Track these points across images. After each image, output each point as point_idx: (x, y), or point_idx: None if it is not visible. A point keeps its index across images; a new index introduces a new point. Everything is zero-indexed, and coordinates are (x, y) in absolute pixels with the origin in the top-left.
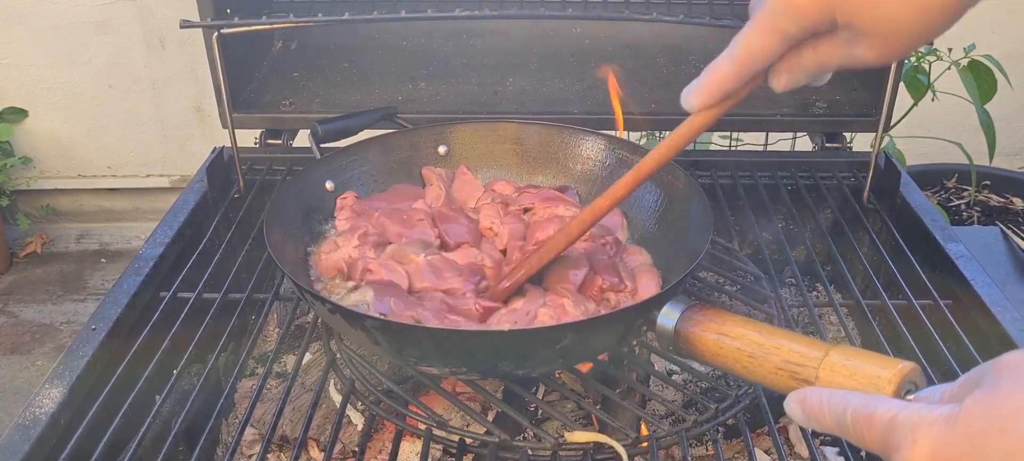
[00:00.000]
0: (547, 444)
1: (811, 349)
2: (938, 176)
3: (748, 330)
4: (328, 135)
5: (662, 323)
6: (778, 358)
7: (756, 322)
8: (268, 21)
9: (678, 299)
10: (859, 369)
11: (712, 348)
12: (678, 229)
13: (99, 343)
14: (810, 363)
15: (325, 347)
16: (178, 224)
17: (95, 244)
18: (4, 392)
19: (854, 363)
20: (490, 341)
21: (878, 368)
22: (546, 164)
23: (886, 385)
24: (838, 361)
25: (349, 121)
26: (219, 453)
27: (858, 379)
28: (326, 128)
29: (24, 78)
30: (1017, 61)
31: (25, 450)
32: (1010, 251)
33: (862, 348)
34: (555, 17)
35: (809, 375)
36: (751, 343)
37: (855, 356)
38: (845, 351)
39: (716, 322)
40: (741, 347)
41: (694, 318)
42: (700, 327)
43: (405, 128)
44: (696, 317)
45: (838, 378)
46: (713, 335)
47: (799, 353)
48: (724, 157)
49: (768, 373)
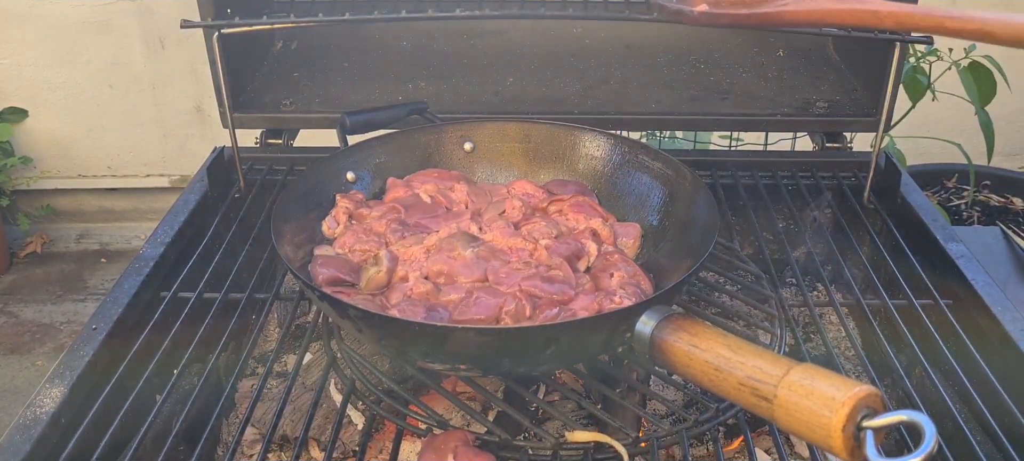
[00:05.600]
0: (547, 444)
1: (773, 366)
2: (938, 176)
3: (717, 343)
4: (356, 127)
5: (640, 330)
6: (742, 373)
7: (730, 336)
8: (268, 21)
9: (659, 308)
10: (815, 389)
11: (683, 359)
12: (682, 228)
13: (99, 343)
14: (770, 380)
15: (325, 347)
16: (179, 224)
17: (95, 244)
18: (4, 392)
19: (812, 383)
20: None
21: (834, 390)
22: (555, 163)
23: (839, 407)
24: (797, 380)
25: (378, 114)
26: (219, 453)
27: (814, 399)
28: (355, 120)
29: (24, 78)
30: (1017, 62)
31: (25, 450)
32: (1010, 251)
33: (828, 370)
34: (555, 17)
35: (768, 392)
36: (718, 356)
37: (815, 376)
38: (806, 371)
39: (689, 332)
40: (709, 360)
41: (670, 327)
42: (674, 336)
43: (436, 123)
44: (672, 326)
45: (795, 397)
46: (685, 345)
47: (760, 369)
48: (725, 157)
49: (731, 388)
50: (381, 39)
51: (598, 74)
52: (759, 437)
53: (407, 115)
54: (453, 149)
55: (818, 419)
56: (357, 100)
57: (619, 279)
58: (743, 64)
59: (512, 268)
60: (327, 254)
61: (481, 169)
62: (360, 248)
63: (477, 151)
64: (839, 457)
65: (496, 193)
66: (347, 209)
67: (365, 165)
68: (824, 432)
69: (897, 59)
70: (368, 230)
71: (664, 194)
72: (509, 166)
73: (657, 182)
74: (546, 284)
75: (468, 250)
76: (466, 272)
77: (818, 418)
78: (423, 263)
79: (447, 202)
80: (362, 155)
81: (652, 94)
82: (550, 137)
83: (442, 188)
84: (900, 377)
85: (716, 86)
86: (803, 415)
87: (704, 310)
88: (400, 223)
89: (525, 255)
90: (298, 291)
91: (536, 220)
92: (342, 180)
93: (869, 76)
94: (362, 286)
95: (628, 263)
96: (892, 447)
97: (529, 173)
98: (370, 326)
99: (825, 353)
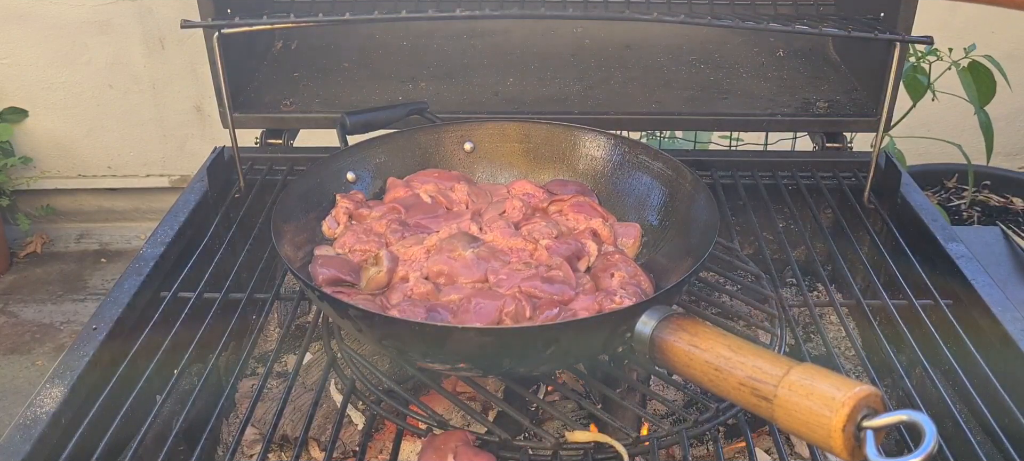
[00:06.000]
0: (547, 444)
1: (774, 366)
2: (938, 176)
3: (718, 343)
4: (356, 127)
5: (640, 330)
6: (742, 373)
7: (731, 336)
8: (268, 21)
9: (659, 308)
10: (816, 389)
11: (683, 358)
12: (682, 228)
13: (100, 343)
14: (770, 380)
15: (326, 347)
16: (179, 224)
17: (95, 244)
18: (4, 392)
19: (812, 383)
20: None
21: (834, 389)
22: (555, 163)
23: (839, 407)
24: (797, 380)
25: (378, 114)
26: (220, 453)
27: (814, 399)
28: (355, 120)
29: (24, 78)
30: (1017, 61)
31: (26, 450)
32: (1010, 251)
33: (828, 369)
34: (555, 17)
35: (768, 391)
36: (718, 356)
37: (815, 376)
38: (807, 370)
39: (689, 332)
40: (709, 359)
41: (670, 327)
42: (674, 336)
43: (436, 123)
44: (672, 326)
45: (795, 397)
46: (685, 345)
47: (761, 369)
48: (725, 157)
49: (731, 388)
50: (381, 39)
51: (598, 74)
52: (759, 437)
53: (407, 115)
54: (453, 149)
55: (818, 419)
56: (357, 100)
57: (620, 279)
58: (743, 64)
59: (512, 269)
60: (327, 254)
61: (481, 169)
62: (360, 248)
63: (477, 151)
64: (839, 457)
65: (496, 193)
66: (347, 209)
67: (365, 165)
68: (824, 432)
69: (897, 59)
70: (368, 230)
71: (664, 194)
72: (509, 166)
73: (657, 182)
74: (546, 284)
75: (468, 251)
76: (466, 272)
77: (818, 418)
78: (423, 263)
79: (447, 202)
80: (362, 155)
81: (652, 94)
82: (550, 137)
83: (442, 188)
84: (900, 377)
85: (716, 86)
86: (803, 415)
87: (704, 310)
88: (400, 223)
89: (525, 255)
90: (298, 291)
91: (536, 220)
92: (342, 180)
93: (869, 76)
94: (362, 286)
95: (629, 263)
96: (892, 447)
97: (529, 173)
98: (370, 326)
99: (825, 353)
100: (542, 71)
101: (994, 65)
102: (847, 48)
